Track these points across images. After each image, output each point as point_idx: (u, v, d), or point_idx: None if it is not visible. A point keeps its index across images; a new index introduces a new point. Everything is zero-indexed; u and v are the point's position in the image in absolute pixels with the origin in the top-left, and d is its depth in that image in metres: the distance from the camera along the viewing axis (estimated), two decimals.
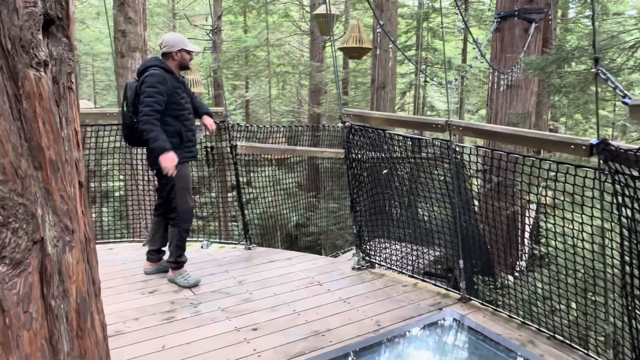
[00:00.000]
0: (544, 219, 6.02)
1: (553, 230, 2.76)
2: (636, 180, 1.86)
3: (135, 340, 2.62)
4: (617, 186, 1.99)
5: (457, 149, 2.96)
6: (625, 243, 2.02)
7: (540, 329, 2.77)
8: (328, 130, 9.46)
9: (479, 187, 5.55)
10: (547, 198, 4.70)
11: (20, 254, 0.97)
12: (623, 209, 1.97)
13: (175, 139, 3.19)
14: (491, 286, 4.63)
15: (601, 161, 2.08)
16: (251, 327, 2.78)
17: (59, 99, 1.14)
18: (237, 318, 2.88)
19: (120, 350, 2.53)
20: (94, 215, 6.48)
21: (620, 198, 1.99)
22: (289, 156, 10.44)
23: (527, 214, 7.02)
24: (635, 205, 1.88)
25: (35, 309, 1.02)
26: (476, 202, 4.97)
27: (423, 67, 14.42)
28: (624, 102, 1.92)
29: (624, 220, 1.99)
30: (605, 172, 2.07)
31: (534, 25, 8.22)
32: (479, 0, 15.52)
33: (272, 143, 6.83)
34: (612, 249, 2.20)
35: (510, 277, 4.92)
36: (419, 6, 15.05)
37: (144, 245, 4.22)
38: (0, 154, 0.92)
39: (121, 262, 3.76)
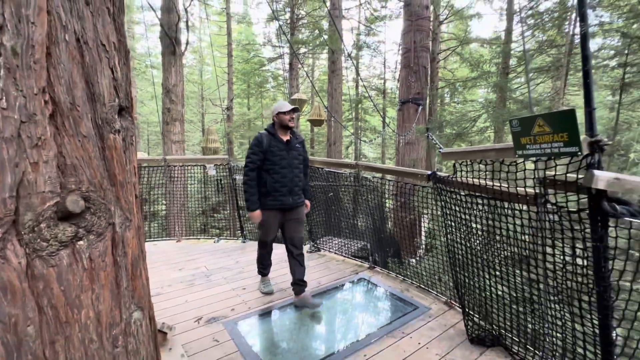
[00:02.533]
0: (427, 223, 6.40)
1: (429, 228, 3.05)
2: (449, 195, 2.18)
3: (168, 298, 2.68)
4: (442, 198, 2.31)
5: (362, 178, 3.26)
6: (448, 233, 2.32)
7: (412, 282, 3.03)
8: None
9: (393, 203, 5.84)
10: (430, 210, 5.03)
11: (102, 229, 1.18)
12: (445, 211, 2.29)
13: (264, 188, 2.56)
14: (398, 264, 4.85)
15: (434, 184, 2.41)
16: (242, 287, 2.88)
17: (125, 149, 1.37)
18: (233, 282, 2.97)
19: (159, 304, 2.62)
20: (146, 224, 6.43)
21: (444, 205, 2.31)
22: None
23: (423, 222, 7.38)
24: (450, 210, 2.20)
25: (108, 260, 1.22)
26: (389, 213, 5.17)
27: (359, 131, 15.07)
28: (439, 152, 2.27)
29: (447, 218, 2.31)
30: (437, 190, 2.39)
31: (420, 107, 8.76)
32: (392, 91, 16.49)
33: None
34: (445, 237, 2.50)
35: (413, 260, 5.16)
36: (355, 95, 15.87)
37: (176, 241, 4.27)
38: (93, 177, 1.14)
39: (161, 252, 3.79)
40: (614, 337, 1.44)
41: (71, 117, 1.06)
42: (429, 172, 2.39)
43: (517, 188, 1.71)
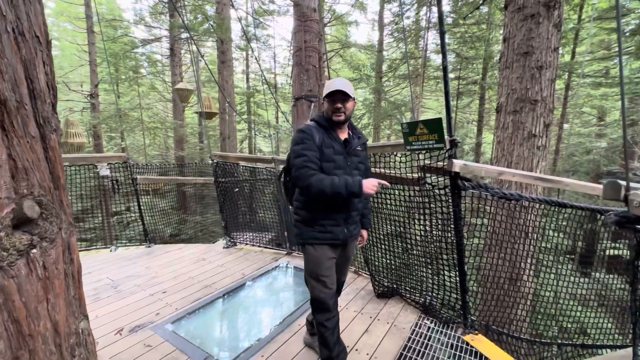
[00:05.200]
0: None
1: None
2: None
3: None
4: None
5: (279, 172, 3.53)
6: None
7: None
8: (191, 166, 9.20)
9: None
10: None
11: (54, 235, 1.11)
12: None
13: (303, 212, 1.67)
14: (299, 253, 5.29)
15: None
16: (161, 291, 2.76)
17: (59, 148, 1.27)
18: (149, 288, 2.80)
19: None
20: None
21: None
22: (161, 186, 9.76)
23: None
24: None
25: (60, 267, 1.14)
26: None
27: (253, 125, 15.07)
28: None
29: None
30: None
31: (313, 104, 9.46)
32: (282, 85, 17.05)
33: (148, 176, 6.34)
34: None
35: None
36: (247, 88, 15.73)
37: None
38: (42, 180, 1.07)
39: None
40: (466, 269, 2.20)
41: (19, 117, 0.98)
42: None
43: (407, 174, 2.34)
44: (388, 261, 2.70)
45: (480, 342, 2.07)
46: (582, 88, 10.42)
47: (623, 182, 1.05)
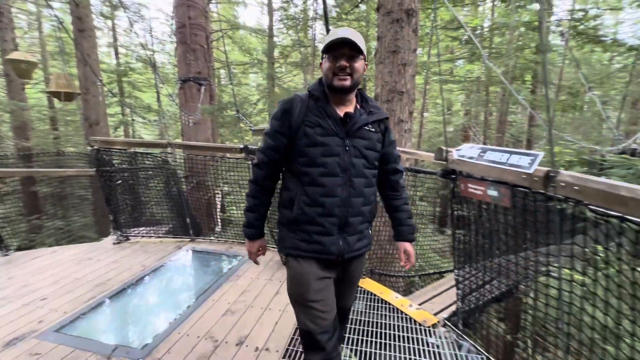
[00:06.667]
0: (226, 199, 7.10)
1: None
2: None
3: None
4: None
5: (171, 159, 3.38)
6: None
7: (234, 241, 3.62)
8: (42, 158, 7.60)
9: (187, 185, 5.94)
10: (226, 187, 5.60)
11: None
12: None
13: (287, 210, 1.25)
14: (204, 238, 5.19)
15: (246, 155, 3.05)
16: (39, 299, 2.40)
17: None
18: (21, 298, 2.40)
19: None
20: None
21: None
22: None
23: (217, 198, 7.90)
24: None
25: None
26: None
27: (129, 110, 13.24)
28: (250, 128, 2.92)
29: None
30: (249, 161, 3.05)
31: (202, 87, 8.96)
32: (163, 65, 15.37)
33: None
34: None
35: (212, 237, 5.65)
36: (117, 65, 13.57)
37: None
38: None
39: None
40: None
41: None
42: (241, 146, 3.00)
43: None
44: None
45: (367, 283, 2.64)
46: (435, 84, 12.98)
47: (445, 148, 1.60)
